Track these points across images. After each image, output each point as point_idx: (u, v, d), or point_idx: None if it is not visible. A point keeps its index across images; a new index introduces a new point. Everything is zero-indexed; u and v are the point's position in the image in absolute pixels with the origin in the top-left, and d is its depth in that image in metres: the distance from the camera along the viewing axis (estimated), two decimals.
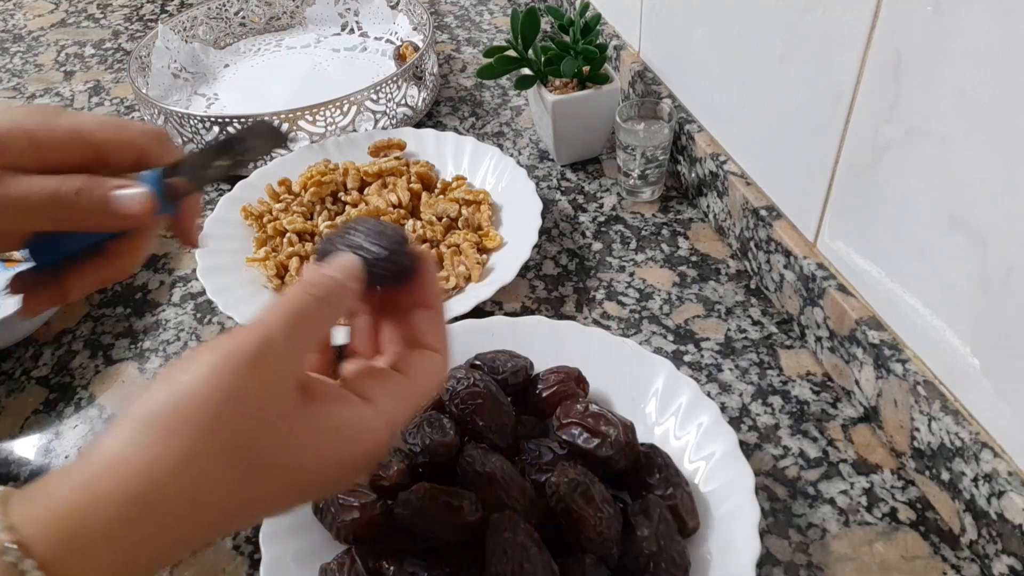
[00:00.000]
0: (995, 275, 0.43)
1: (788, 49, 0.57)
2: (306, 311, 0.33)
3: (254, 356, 0.30)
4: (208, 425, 0.29)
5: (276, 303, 0.33)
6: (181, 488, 0.28)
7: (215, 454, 0.29)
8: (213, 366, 0.29)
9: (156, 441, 0.28)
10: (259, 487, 0.30)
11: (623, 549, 0.45)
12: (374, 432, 0.34)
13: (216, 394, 0.29)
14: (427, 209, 0.74)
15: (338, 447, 0.32)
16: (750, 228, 0.66)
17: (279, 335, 0.31)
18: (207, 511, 0.29)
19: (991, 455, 0.45)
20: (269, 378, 0.30)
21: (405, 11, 1.04)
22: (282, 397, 0.31)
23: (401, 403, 0.35)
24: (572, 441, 0.49)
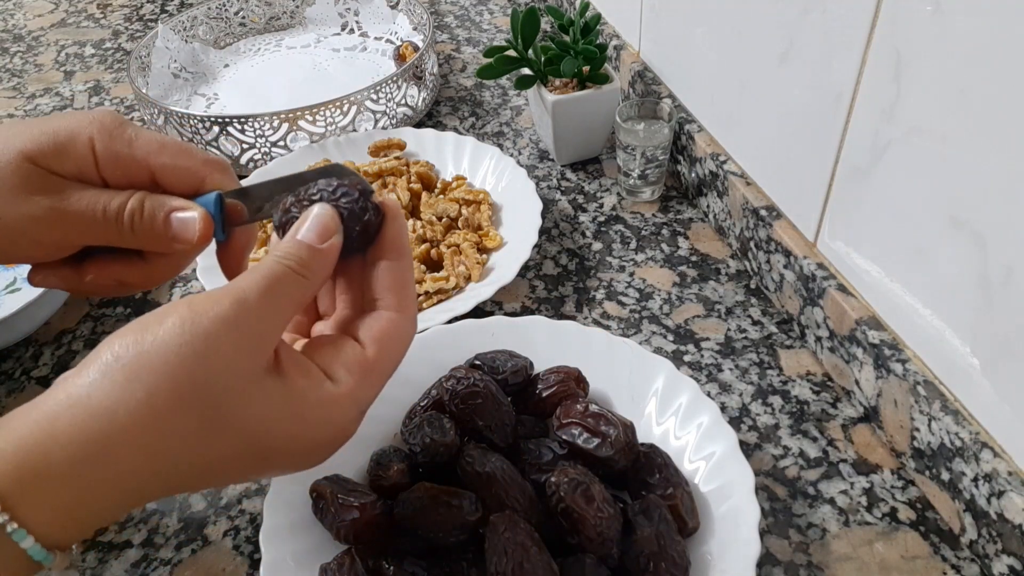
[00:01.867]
0: (995, 275, 0.43)
1: (788, 49, 0.57)
2: (281, 281, 0.32)
3: (226, 316, 0.30)
4: (172, 377, 0.28)
5: (253, 269, 0.32)
6: (140, 435, 0.28)
7: (176, 406, 0.29)
8: (184, 320, 0.29)
9: (119, 386, 0.28)
10: (218, 447, 0.30)
11: (623, 549, 0.45)
12: (340, 412, 0.33)
13: (183, 348, 0.29)
14: (427, 209, 0.74)
15: (303, 422, 0.32)
16: (750, 228, 0.66)
17: (254, 300, 0.31)
18: (163, 462, 0.29)
19: (991, 455, 0.45)
20: (239, 340, 0.30)
21: (405, 11, 1.04)
22: (251, 361, 0.30)
23: (363, 380, 0.34)
24: (572, 441, 0.49)
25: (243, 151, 0.82)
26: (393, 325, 0.35)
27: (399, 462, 0.49)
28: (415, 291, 0.37)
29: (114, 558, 0.51)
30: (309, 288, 0.33)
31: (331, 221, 0.34)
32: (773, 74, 0.60)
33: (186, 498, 0.54)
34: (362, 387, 0.34)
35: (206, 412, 0.29)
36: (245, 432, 0.30)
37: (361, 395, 0.34)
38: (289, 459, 0.33)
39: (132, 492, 0.29)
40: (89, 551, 0.52)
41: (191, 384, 0.29)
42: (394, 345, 0.35)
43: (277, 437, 0.31)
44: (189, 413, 0.29)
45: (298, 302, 0.33)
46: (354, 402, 0.34)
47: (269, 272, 0.32)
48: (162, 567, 0.51)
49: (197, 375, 0.29)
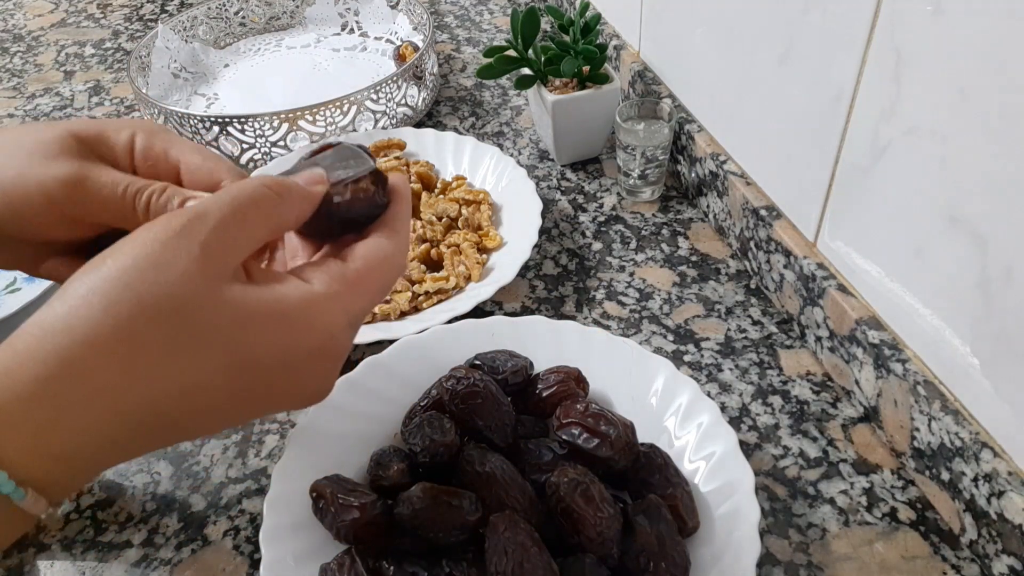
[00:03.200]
0: (995, 275, 0.43)
1: (788, 49, 0.57)
2: (252, 197, 0.31)
3: (180, 231, 0.29)
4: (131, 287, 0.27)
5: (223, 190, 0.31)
6: (105, 345, 0.27)
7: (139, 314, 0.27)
8: (143, 240, 0.28)
9: (79, 302, 0.27)
10: (197, 359, 0.28)
11: (623, 549, 0.45)
12: (324, 316, 0.31)
13: (140, 261, 0.28)
14: (427, 209, 0.74)
15: (283, 322, 0.30)
16: (750, 228, 0.66)
17: (214, 214, 0.29)
18: (139, 375, 0.28)
19: (991, 455, 0.45)
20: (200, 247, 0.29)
21: (405, 11, 1.04)
22: (213, 267, 0.29)
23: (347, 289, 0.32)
24: (572, 441, 0.49)
25: (243, 151, 0.82)
26: (380, 246, 0.34)
27: (399, 462, 0.49)
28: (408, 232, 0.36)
29: (114, 558, 0.51)
30: (282, 211, 0.32)
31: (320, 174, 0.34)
32: (773, 74, 0.60)
33: (186, 498, 0.54)
34: (346, 296, 0.32)
35: (173, 319, 0.28)
36: (221, 339, 0.29)
37: (346, 303, 0.32)
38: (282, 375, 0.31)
39: (115, 416, 0.28)
40: (89, 551, 0.52)
41: (153, 293, 0.28)
42: (381, 264, 0.33)
43: (259, 343, 0.29)
44: (155, 322, 0.28)
45: (268, 222, 0.31)
46: (339, 308, 0.32)
47: (238, 189, 0.31)
48: (162, 567, 0.51)
49: (157, 284, 0.28)
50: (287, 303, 0.30)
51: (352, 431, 0.53)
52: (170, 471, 0.56)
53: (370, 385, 0.56)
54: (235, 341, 0.29)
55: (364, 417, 0.54)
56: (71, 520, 0.53)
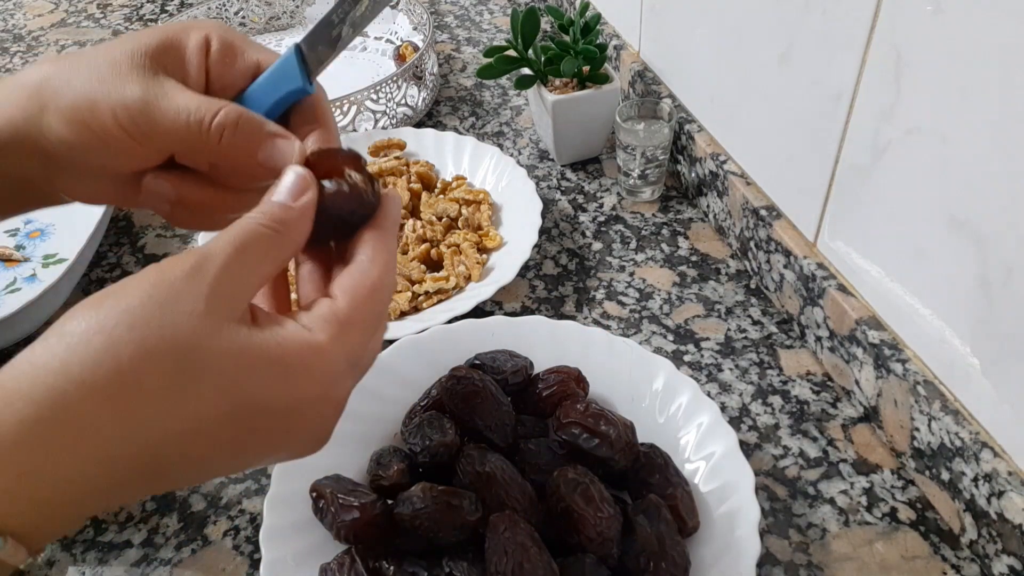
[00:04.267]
0: (995, 275, 0.43)
1: (788, 49, 0.57)
2: (251, 238, 0.30)
3: (191, 270, 0.28)
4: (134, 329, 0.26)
5: (221, 233, 0.30)
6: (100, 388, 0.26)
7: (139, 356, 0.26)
8: (148, 280, 0.28)
9: (76, 341, 0.26)
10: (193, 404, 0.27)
11: (623, 549, 0.45)
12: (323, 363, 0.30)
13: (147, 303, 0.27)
14: (427, 209, 0.74)
15: (283, 371, 0.29)
16: (750, 228, 0.66)
17: (219, 256, 0.29)
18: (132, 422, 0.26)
19: (991, 455, 0.45)
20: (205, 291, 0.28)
21: (405, 11, 1.04)
22: (218, 312, 0.28)
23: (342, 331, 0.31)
24: (572, 441, 0.49)
25: None
26: (361, 275, 0.32)
27: (399, 462, 0.49)
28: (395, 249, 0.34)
29: (114, 558, 0.51)
30: (283, 244, 0.31)
31: (302, 179, 0.32)
32: (773, 74, 0.60)
33: (186, 498, 0.54)
34: (343, 340, 0.31)
35: (176, 363, 0.27)
36: (224, 383, 0.28)
37: (345, 348, 0.31)
38: (282, 423, 0.30)
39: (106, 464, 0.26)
40: (89, 551, 0.52)
41: (156, 335, 0.27)
42: (366, 294, 0.32)
43: (259, 389, 0.29)
44: (158, 366, 0.27)
45: (272, 258, 0.31)
46: (338, 354, 0.31)
47: (238, 230, 0.30)
48: (162, 567, 0.51)
49: (162, 325, 0.27)
50: (292, 350, 0.29)
51: (352, 431, 0.53)
52: None
53: (370, 385, 0.55)
54: (238, 387, 0.28)
55: (364, 417, 0.54)
56: None
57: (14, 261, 0.75)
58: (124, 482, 0.27)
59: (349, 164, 0.34)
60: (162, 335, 0.27)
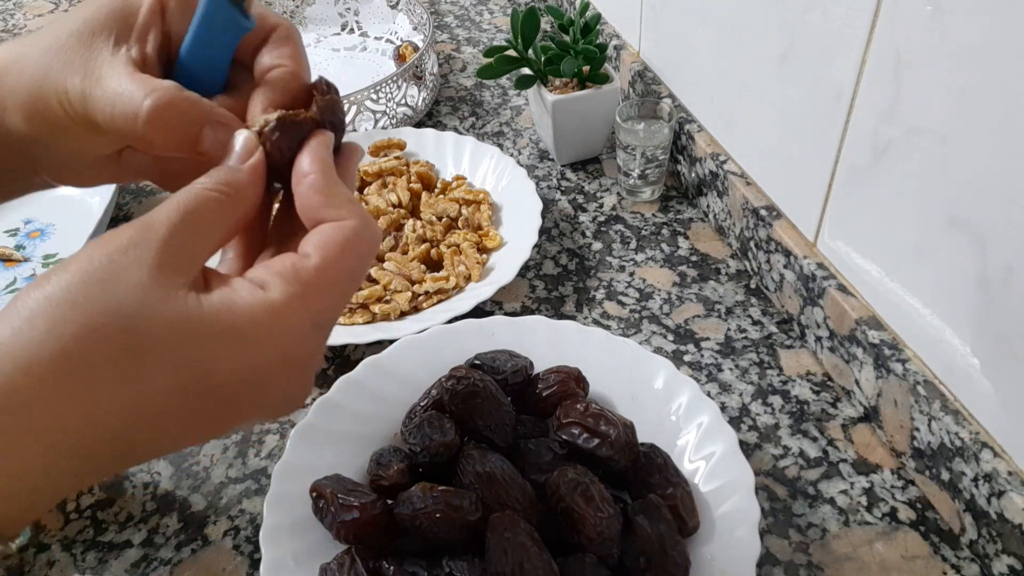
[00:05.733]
0: (995, 275, 0.43)
1: (788, 49, 0.57)
2: (198, 201, 0.29)
3: (129, 241, 0.27)
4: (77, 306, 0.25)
5: (168, 200, 0.29)
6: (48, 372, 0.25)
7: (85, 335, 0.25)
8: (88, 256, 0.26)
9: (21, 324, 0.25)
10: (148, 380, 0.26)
11: (623, 549, 0.45)
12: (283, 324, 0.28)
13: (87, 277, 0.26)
14: (427, 209, 0.74)
15: (239, 337, 0.27)
16: (750, 228, 0.66)
17: (162, 222, 0.27)
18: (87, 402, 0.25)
19: (991, 455, 0.45)
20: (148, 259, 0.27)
21: (405, 11, 1.04)
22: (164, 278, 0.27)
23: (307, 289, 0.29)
24: (572, 441, 0.49)
25: None
26: (344, 231, 0.30)
27: (399, 462, 0.49)
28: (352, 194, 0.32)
29: (114, 558, 0.51)
30: (234, 207, 0.30)
31: (247, 139, 0.31)
32: (773, 74, 0.60)
33: (186, 498, 0.54)
34: (307, 297, 0.29)
35: (121, 337, 0.26)
36: (173, 357, 0.26)
37: (309, 305, 0.29)
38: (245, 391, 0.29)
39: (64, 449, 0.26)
40: (89, 551, 0.52)
41: (100, 311, 0.25)
42: (349, 251, 0.30)
43: (213, 359, 0.27)
44: (102, 341, 0.25)
45: (223, 222, 0.29)
46: (301, 313, 0.29)
47: (184, 195, 0.29)
48: (162, 567, 0.51)
49: (105, 301, 0.26)
50: (244, 314, 0.28)
51: (352, 431, 0.53)
52: (170, 471, 0.56)
53: (370, 385, 0.56)
54: (191, 358, 0.27)
55: (364, 417, 0.54)
56: (71, 520, 0.53)
57: (14, 261, 0.75)
58: (89, 465, 0.27)
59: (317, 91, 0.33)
60: (106, 311, 0.26)
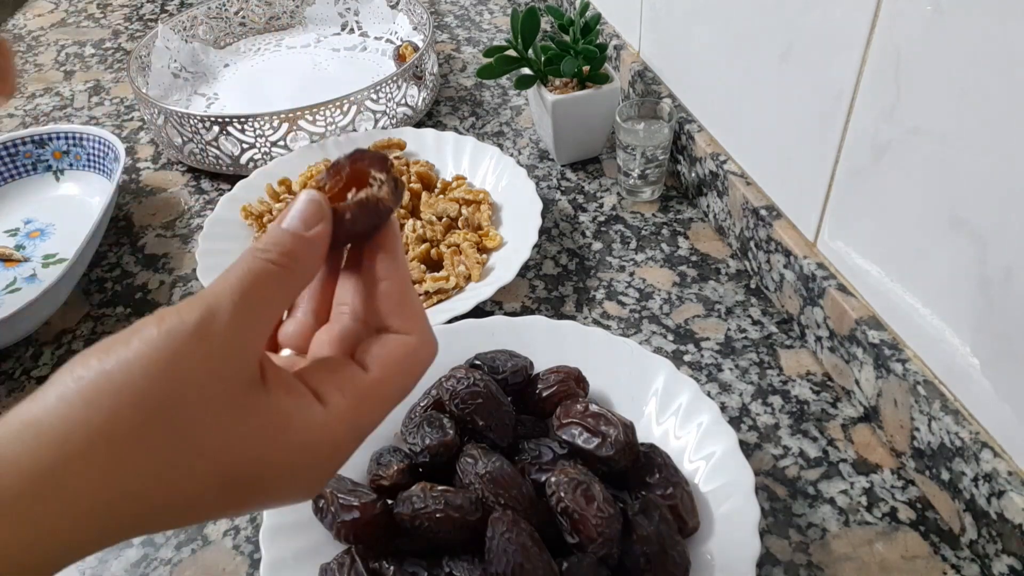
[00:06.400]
0: (995, 275, 0.43)
1: (788, 49, 0.57)
2: (259, 279, 0.28)
3: (194, 331, 0.26)
4: (135, 400, 0.25)
5: (227, 271, 0.28)
6: (96, 465, 0.25)
7: (139, 433, 0.25)
8: (151, 340, 0.26)
9: (77, 410, 0.25)
10: (187, 474, 0.26)
11: (623, 549, 0.45)
12: (330, 439, 0.29)
13: (149, 368, 0.25)
14: (427, 209, 0.74)
15: (284, 446, 0.28)
16: (750, 228, 0.66)
17: (227, 308, 0.27)
18: (122, 494, 0.25)
19: (991, 455, 0.45)
20: (211, 356, 0.26)
21: (405, 11, 1.04)
22: (226, 378, 0.27)
23: (361, 403, 0.29)
24: (572, 441, 0.49)
25: (243, 151, 0.82)
26: (406, 348, 0.31)
27: (399, 462, 0.49)
28: (422, 306, 0.33)
29: (114, 558, 0.51)
30: (295, 283, 0.29)
31: (317, 206, 0.30)
32: (773, 74, 0.60)
33: None
34: (359, 411, 0.29)
35: (173, 440, 0.26)
36: (218, 462, 0.27)
37: (358, 421, 0.30)
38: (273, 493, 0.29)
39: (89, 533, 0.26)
40: None
41: (157, 408, 0.25)
42: (406, 369, 0.31)
43: (255, 465, 0.27)
44: (154, 441, 0.26)
45: (282, 301, 0.29)
46: (348, 428, 0.29)
47: (246, 271, 0.28)
48: (162, 567, 0.51)
49: (164, 398, 0.26)
50: (299, 430, 0.28)
51: None
52: None
53: None
54: (233, 461, 0.27)
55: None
56: None
57: (14, 261, 0.75)
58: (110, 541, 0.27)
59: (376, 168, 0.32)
60: (162, 411, 0.26)
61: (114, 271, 0.74)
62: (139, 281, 0.73)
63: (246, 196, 0.76)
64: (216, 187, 0.83)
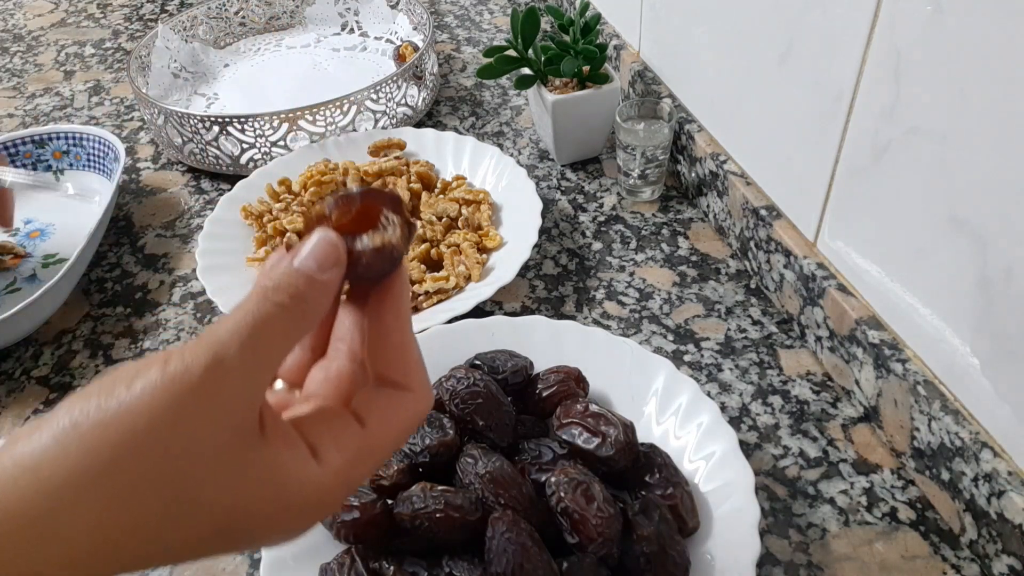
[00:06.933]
0: (995, 275, 0.43)
1: (788, 49, 0.57)
2: (268, 323, 0.27)
3: (200, 381, 0.25)
4: (136, 452, 0.25)
5: (235, 310, 0.27)
6: (92, 512, 0.25)
7: (138, 488, 0.25)
8: (154, 387, 0.25)
9: (73, 458, 0.25)
10: (182, 524, 0.26)
11: (623, 549, 0.45)
12: (322, 495, 0.29)
13: (153, 420, 0.25)
14: (427, 209, 0.74)
15: (277, 500, 0.28)
16: (750, 228, 0.66)
17: (234, 355, 0.26)
18: (118, 540, 0.25)
19: (991, 455, 0.45)
20: (215, 407, 0.26)
21: (405, 11, 1.04)
22: (227, 429, 0.26)
23: (357, 460, 0.29)
24: (572, 441, 0.49)
25: (243, 151, 0.82)
26: (405, 405, 0.31)
27: (399, 462, 0.49)
28: (422, 357, 0.32)
29: None
30: (302, 327, 0.28)
31: (334, 249, 0.29)
32: (773, 74, 0.60)
33: None
34: (354, 467, 0.29)
35: (172, 493, 0.26)
36: (214, 513, 0.27)
37: (351, 476, 0.29)
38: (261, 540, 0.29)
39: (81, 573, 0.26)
40: None
41: (158, 460, 0.25)
42: (400, 426, 0.31)
43: (248, 517, 0.27)
44: (153, 497, 0.25)
45: (288, 346, 0.28)
46: (341, 484, 0.29)
47: (255, 315, 0.27)
48: (162, 567, 0.51)
49: (165, 450, 0.25)
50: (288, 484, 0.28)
51: None
52: None
53: None
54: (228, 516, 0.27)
55: None
56: None
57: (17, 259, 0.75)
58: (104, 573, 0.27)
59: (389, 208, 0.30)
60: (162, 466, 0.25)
61: (114, 271, 0.74)
62: (139, 281, 0.73)
63: (246, 196, 0.76)
64: (216, 187, 0.83)
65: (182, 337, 0.67)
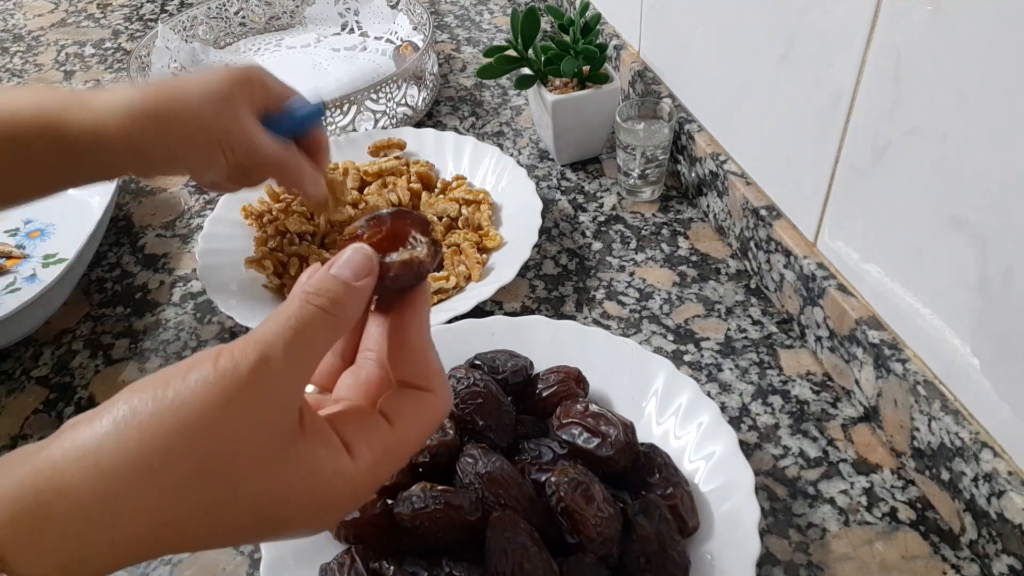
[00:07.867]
0: (995, 275, 0.43)
1: (788, 49, 0.57)
2: (309, 326, 0.30)
3: (248, 378, 0.28)
4: (189, 445, 0.27)
5: (277, 313, 0.30)
6: (148, 503, 0.27)
7: (190, 478, 0.27)
8: (206, 382, 0.28)
9: (133, 445, 0.27)
10: (225, 514, 0.28)
11: (623, 549, 0.45)
12: (353, 489, 0.31)
13: (205, 413, 0.27)
14: (427, 209, 0.74)
15: (312, 493, 0.30)
16: (750, 228, 0.66)
17: (279, 355, 0.29)
18: (168, 530, 0.28)
19: (991, 455, 0.45)
20: (263, 407, 0.28)
21: (405, 11, 1.04)
22: (273, 429, 0.29)
23: (385, 457, 0.32)
24: (572, 441, 0.49)
25: None
26: (428, 405, 0.33)
27: None
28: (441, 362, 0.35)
29: None
30: (339, 330, 0.31)
31: (368, 259, 0.32)
32: (773, 74, 0.60)
33: None
34: (382, 464, 0.32)
35: (221, 485, 0.28)
36: (256, 504, 0.29)
37: (379, 472, 0.32)
38: (296, 529, 0.31)
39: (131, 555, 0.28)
40: None
41: (209, 455, 0.27)
42: (424, 425, 0.33)
43: (287, 508, 0.30)
44: (203, 487, 0.28)
45: (327, 347, 0.31)
46: (371, 479, 0.32)
47: (298, 317, 0.30)
48: (162, 567, 0.51)
49: (216, 445, 0.27)
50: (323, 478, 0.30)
51: None
52: None
53: None
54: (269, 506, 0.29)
55: None
56: None
57: (16, 259, 0.75)
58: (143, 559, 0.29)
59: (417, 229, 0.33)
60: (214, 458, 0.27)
61: (114, 271, 0.74)
62: (139, 281, 0.73)
63: (246, 196, 0.76)
64: None
65: (182, 337, 0.67)
